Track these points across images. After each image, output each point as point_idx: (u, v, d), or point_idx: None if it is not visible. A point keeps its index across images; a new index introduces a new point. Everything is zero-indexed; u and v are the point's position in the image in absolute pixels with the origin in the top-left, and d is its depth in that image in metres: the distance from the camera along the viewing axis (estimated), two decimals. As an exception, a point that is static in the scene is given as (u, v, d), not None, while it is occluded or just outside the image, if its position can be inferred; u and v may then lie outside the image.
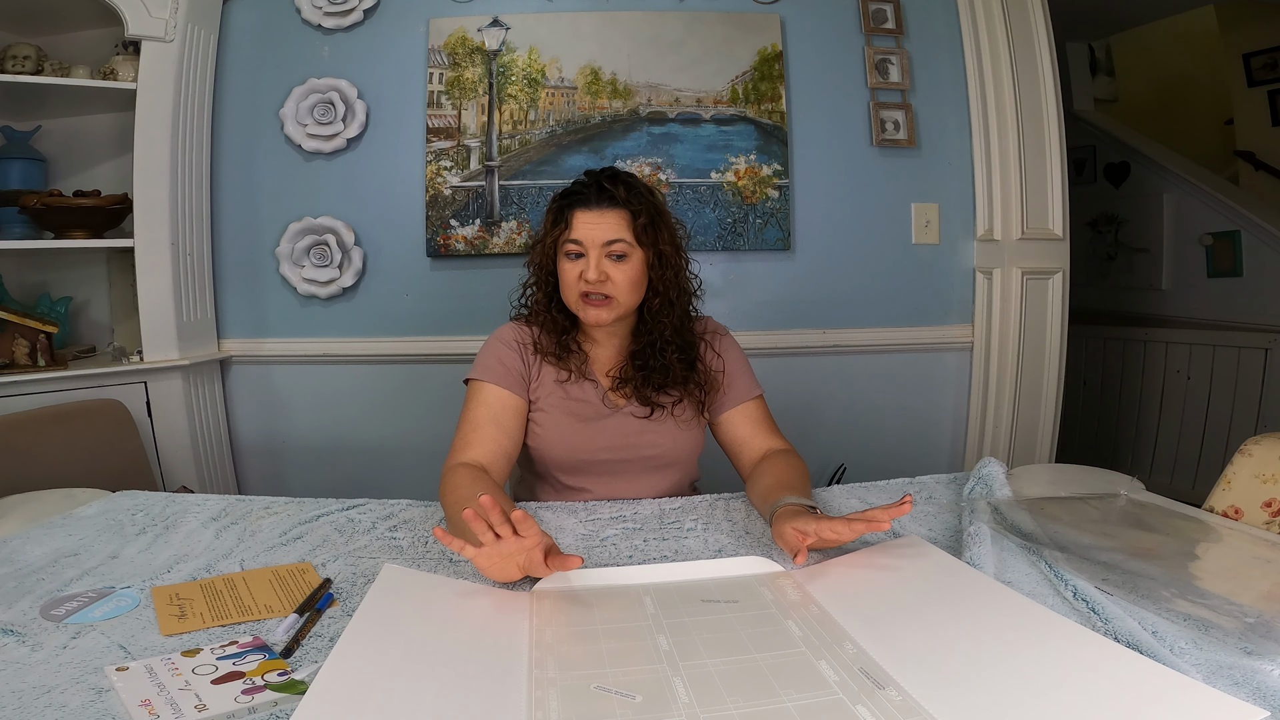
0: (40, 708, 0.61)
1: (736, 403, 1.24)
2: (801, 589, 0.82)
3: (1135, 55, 4.01)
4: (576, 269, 1.13)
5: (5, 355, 1.77)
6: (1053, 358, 2.16)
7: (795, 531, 0.89)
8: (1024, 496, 1.09)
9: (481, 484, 1.02)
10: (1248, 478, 1.05)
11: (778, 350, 2.18)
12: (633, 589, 0.82)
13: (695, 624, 0.74)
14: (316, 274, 2.08)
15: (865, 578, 0.85)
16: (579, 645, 0.70)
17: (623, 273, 1.13)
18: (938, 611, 0.75)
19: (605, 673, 0.65)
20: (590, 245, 1.12)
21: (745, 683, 0.63)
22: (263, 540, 1.01)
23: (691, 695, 0.61)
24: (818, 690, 0.62)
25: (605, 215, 1.13)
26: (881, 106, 2.16)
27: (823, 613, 0.76)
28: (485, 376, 1.16)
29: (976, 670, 0.63)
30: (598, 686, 0.62)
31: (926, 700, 0.59)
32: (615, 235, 1.13)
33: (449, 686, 0.62)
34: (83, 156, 2.11)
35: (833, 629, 0.72)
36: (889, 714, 0.58)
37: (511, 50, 2.10)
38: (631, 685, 0.63)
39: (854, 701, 0.60)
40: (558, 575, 0.83)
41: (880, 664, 0.65)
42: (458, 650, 0.68)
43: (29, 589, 0.84)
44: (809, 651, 0.68)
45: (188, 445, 1.96)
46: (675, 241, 1.19)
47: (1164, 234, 3.15)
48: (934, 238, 2.21)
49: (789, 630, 0.72)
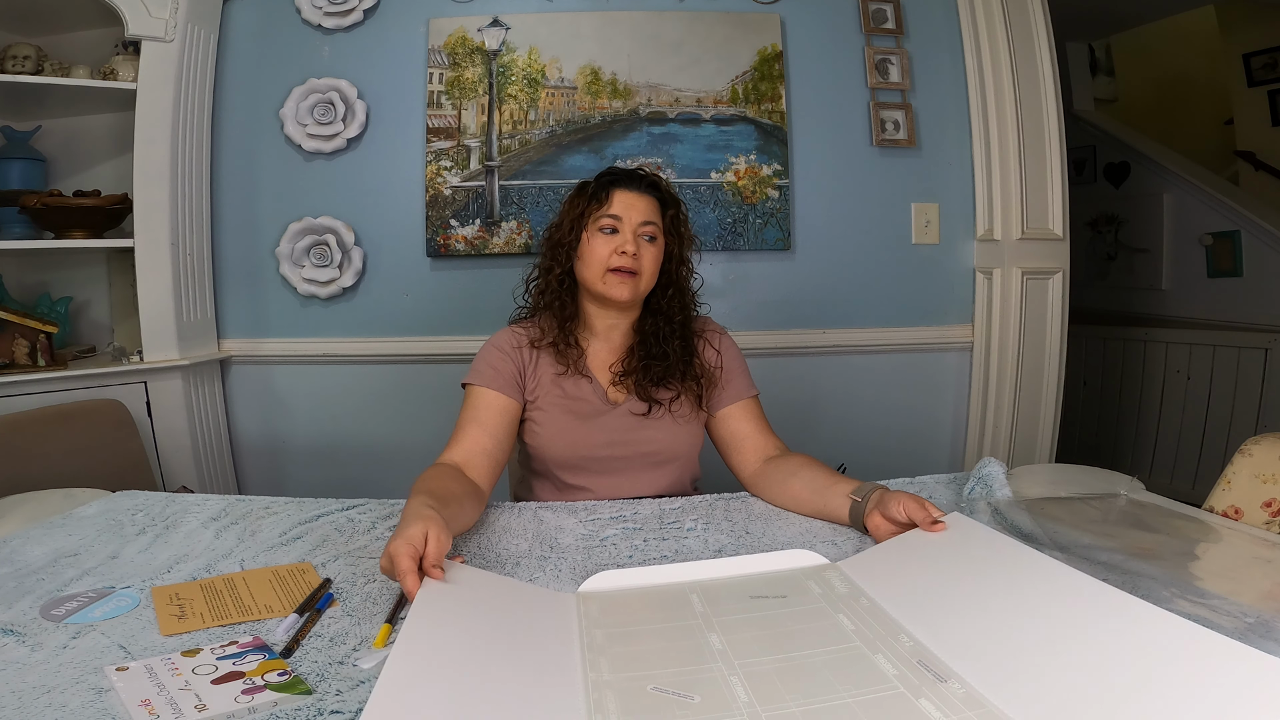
0: (40, 708, 0.61)
1: (735, 399, 1.25)
2: (849, 581, 0.80)
3: (1135, 55, 4.01)
4: (609, 244, 1.18)
5: (5, 355, 1.77)
6: (1053, 358, 2.16)
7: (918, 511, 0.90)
8: (1024, 496, 1.09)
9: (436, 471, 1.04)
10: (1248, 478, 1.05)
11: (778, 350, 2.18)
12: (678, 587, 0.81)
13: (745, 621, 0.73)
14: (316, 274, 2.08)
15: (913, 565, 0.83)
16: (630, 646, 0.69)
17: (650, 254, 1.20)
18: (994, 596, 0.72)
19: (659, 673, 0.64)
20: (627, 221, 1.19)
21: (803, 680, 0.62)
22: (263, 540, 1.01)
23: (751, 694, 0.60)
24: (877, 685, 0.60)
25: (643, 198, 1.21)
26: (881, 106, 2.16)
27: (873, 605, 0.75)
28: (476, 380, 1.19)
29: (1040, 657, 0.61)
30: (654, 688, 0.61)
31: (991, 692, 0.58)
32: (650, 218, 1.20)
33: (508, 690, 0.61)
34: (83, 156, 2.10)
35: (885, 621, 0.71)
36: (953, 707, 0.57)
37: (511, 50, 2.10)
38: (688, 685, 0.62)
39: (916, 696, 0.58)
40: (602, 576, 0.83)
41: (939, 656, 0.64)
42: (511, 653, 0.67)
43: (29, 589, 0.84)
44: (864, 646, 0.67)
45: (188, 445, 1.96)
46: (690, 244, 1.28)
47: (1164, 234, 3.15)
48: (934, 238, 2.21)
49: (841, 624, 0.71)
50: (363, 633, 0.75)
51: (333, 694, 0.63)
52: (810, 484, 1.09)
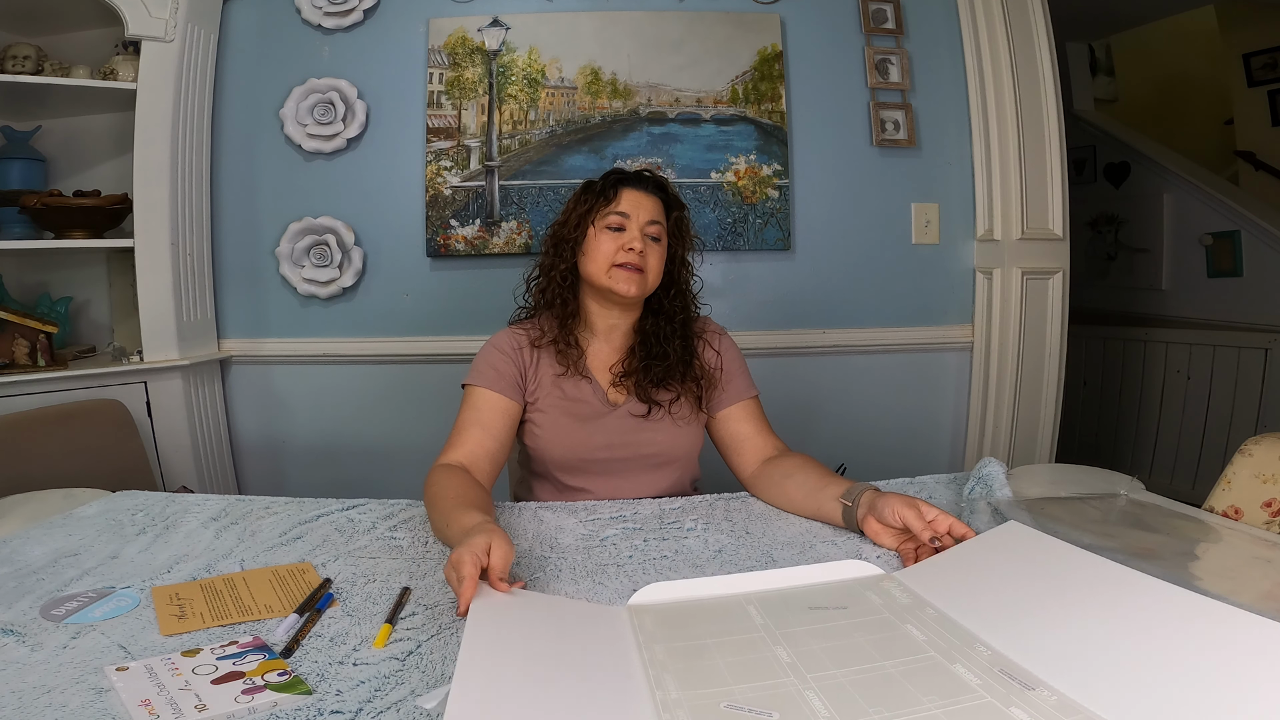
0: (40, 708, 0.61)
1: (735, 400, 1.25)
2: (911, 592, 0.78)
3: (1135, 55, 4.01)
4: (616, 240, 1.19)
5: (5, 355, 1.77)
6: (1053, 358, 2.16)
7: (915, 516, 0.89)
8: (1024, 496, 1.09)
9: (453, 478, 1.04)
10: (1248, 478, 1.05)
11: (778, 350, 2.18)
12: (734, 599, 0.78)
13: (809, 633, 0.70)
14: (316, 274, 2.08)
15: (976, 575, 0.80)
16: (694, 661, 0.66)
17: (655, 253, 1.21)
18: (1068, 603, 0.70)
19: (730, 689, 0.61)
20: (635, 219, 1.20)
21: (882, 691, 0.59)
22: (263, 540, 1.01)
23: (831, 709, 0.57)
24: (961, 695, 0.58)
25: (650, 198, 1.23)
26: (881, 106, 2.16)
27: (941, 615, 0.72)
28: (477, 381, 1.19)
29: (1127, 663, 0.59)
30: (728, 705, 0.58)
31: (1086, 699, 0.56)
32: (656, 217, 1.22)
33: (577, 712, 0.58)
34: (83, 156, 2.10)
35: (957, 631, 0.69)
36: (1047, 714, 0.55)
37: (511, 50, 2.10)
38: (762, 702, 0.59)
39: (1005, 704, 0.57)
40: (653, 588, 0.80)
41: (1020, 664, 0.62)
42: (574, 673, 0.64)
43: (29, 589, 0.84)
44: (939, 655, 0.65)
45: (188, 445, 1.96)
46: (691, 247, 1.29)
47: (1164, 234, 3.15)
48: (934, 238, 2.21)
49: (910, 635, 0.69)
50: (363, 633, 0.75)
51: (333, 694, 0.63)
52: (804, 486, 1.09)
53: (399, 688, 0.65)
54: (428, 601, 0.82)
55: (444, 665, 0.68)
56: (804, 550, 0.97)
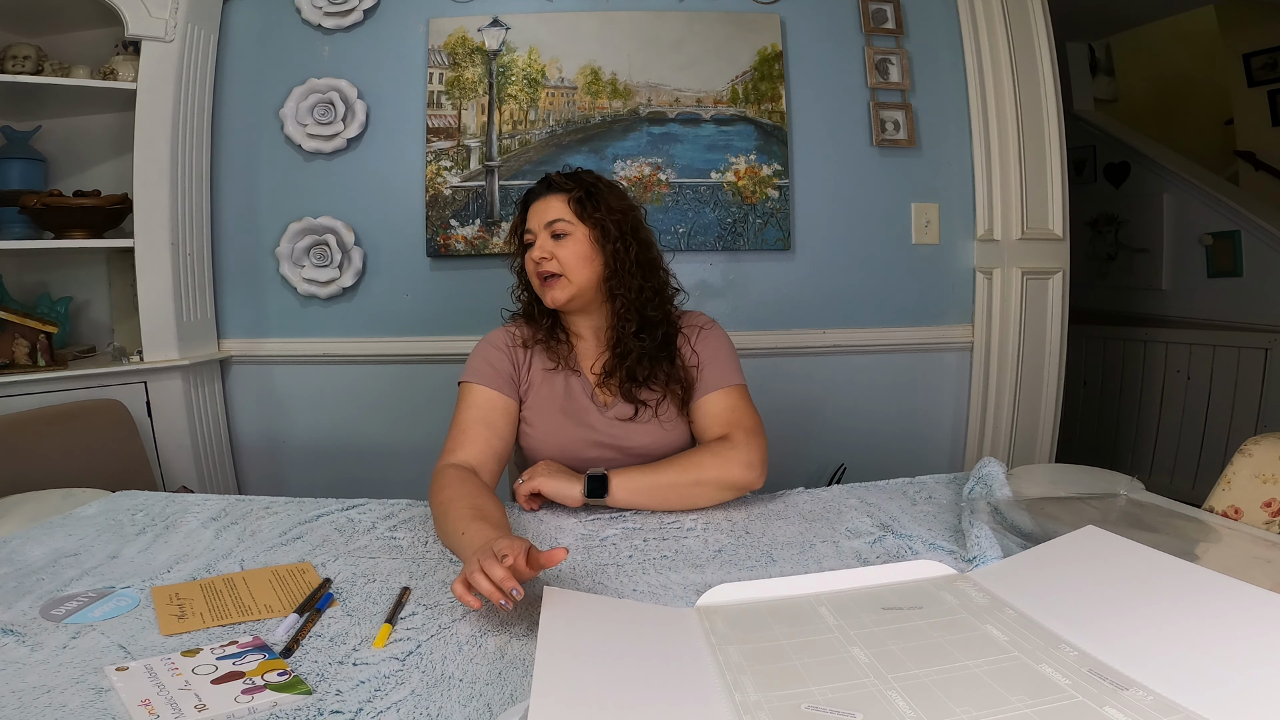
0: (40, 708, 0.61)
1: (702, 394, 1.22)
2: (987, 592, 0.77)
3: (1135, 55, 4.00)
4: (532, 257, 1.21)
5: (5, 355, 1.77)
6: (1053, 358, 2.16)
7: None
8: (1024, 496, 1.09)
9: (468, 485, 1.02)
10: (1248, 478, 1.05)
11: (778, 350, 2.18)
12: (804, 600, 0.77)
13: (886, 633, 0.69)
14: (316, 274, 2.08)
15: (1055, 576, 0.79)
16: (770, 663, 0.65)
17: (567, 249, 1.19)
18: (1154, 606, 0.69)
19: (810, 691, 0.60)
20: (537, 229, 1.21)
21: (968, 691, 0.58)
22: (263, 540, 1.01)
23: (916, 709, 0.56)
24: (1052, 695, 0.57)
25: (548, 201, 1.21)
26: (881, 106, 2.16)
27: (1021, 616, 0.71)
28: (475, 378, 1.18)
29: (1221, 663, 0.58)
30: (809, 706, 0.57)
31: (1183, 698, 0.55)
32: (555, 215, 1.20)
33: (657, 716, 0.58)
34: (83, 156, 2.10)
35: (1040, 632, 0.68)
36: (1144, 714, 0.54)
37: (511, 50, 2.10)
38: (845, 703, 0.58)
39: (1099, 704, 0.56)
40: (720, 589, 0.80)
41: (1110, 664, 0.61)
42: (652, 677, 0.64)
43: (29, 589, 0.84)
44: (1024, 656, 0.63)
45: (188, 445, 1.96)
46: (622, 216, 1.21)
47: (1164, 234, 3.15)
48: (934, 238, 2.21)
49: (991, 635, 0.68)
50: (363, 633, 0.75)
51: (333, 694, 0.63)
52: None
53: (399, 688, 0.65)
54: (428, 601, 0.82)
55: (444, 665, 0.68)
56: (804, 550, 0.97)
